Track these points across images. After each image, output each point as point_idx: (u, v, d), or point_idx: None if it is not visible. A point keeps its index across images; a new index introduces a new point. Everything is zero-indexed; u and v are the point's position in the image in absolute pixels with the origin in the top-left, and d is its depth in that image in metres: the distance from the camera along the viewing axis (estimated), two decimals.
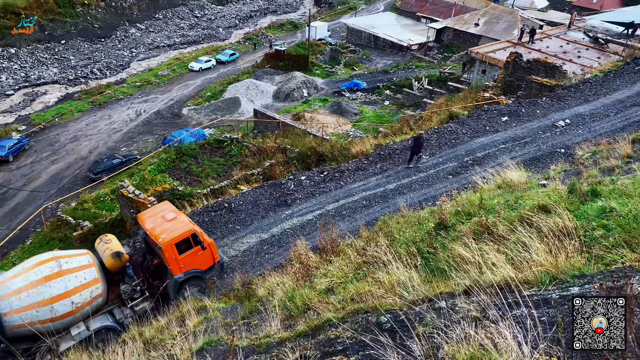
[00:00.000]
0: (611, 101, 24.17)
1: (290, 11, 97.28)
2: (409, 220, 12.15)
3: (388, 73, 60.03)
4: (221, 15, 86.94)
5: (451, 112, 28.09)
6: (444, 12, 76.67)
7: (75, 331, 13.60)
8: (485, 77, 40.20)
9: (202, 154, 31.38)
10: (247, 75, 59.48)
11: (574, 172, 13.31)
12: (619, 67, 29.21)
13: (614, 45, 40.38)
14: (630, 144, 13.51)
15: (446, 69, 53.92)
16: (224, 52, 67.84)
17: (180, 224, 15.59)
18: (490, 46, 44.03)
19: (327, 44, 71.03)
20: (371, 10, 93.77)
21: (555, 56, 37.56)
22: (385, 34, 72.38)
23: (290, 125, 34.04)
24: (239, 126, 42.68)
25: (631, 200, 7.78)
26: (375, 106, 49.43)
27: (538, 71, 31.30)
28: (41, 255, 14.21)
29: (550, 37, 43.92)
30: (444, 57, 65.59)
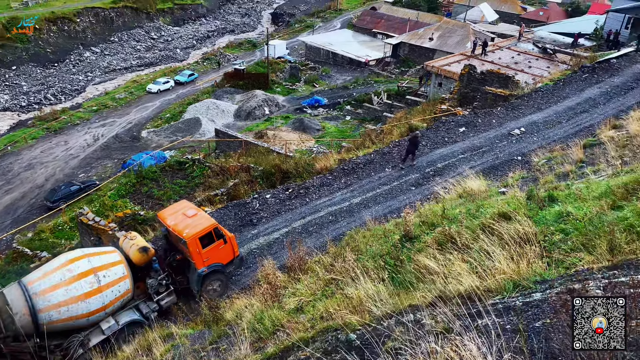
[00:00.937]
0: (562, 108, 25.12)
1: (248, 30, 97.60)
2: (375, 234, 12.21)
3: (348, 89, 60.77)
4: (178, 36, 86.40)
5: (411, 125, 28.59)
6: (399, 28, 78.45)
7: (106, 325, 14.02)
8: (441, 90, 41.18)
9: (164, 177, 30.83)
10: (206, 95, 59.10)
11: (531, 178, 13.70)
12: (567, 76, 30.43)
13: (561, 54, 42.15)
14: (582, 149, 14.03)
15: (404, 83, 55.02)
16: (182, 72, 67.30)
17: (201, 219, 16.12)
18: (445, 59, 45.22)
19: (287, 61, 71.47)
20: (328, 27, 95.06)
21: (507, 67, 38.87)
22: (343, 51, 73.41)
23: (253, 144, 33.90)
24: (200, 147, 42.21)
25: (586, 204, 8.05)
26: (337, 121, 49.86)
27: (492, 82, 32.28)
28: (71, 253, 14.49)
29: (502, 49, 45.49)
30: (401, 72, 66.94)
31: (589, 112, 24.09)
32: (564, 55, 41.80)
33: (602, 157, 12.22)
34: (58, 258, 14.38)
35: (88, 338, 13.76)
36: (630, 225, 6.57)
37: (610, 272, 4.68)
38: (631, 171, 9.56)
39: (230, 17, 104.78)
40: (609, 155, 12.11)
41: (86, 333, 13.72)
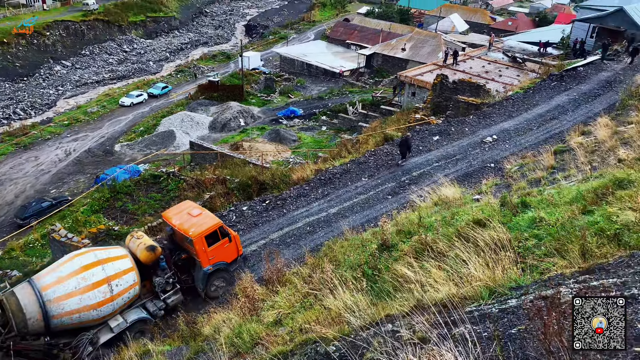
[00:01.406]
0: (532, 116, 25.69)
1: (222, 42, 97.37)
2: (353, 243, 12.21)
3: (323, 99, 61.05)
4: (151, 49, 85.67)
5: (386, 135, 28.83)
6: (372, 39, 79.30)
7: (114, 323, 14.32)
8: (415, 99, 41.70)
9: (138, 191, 30.39)
10: (181, 107, 58.63)
11: (504, 185, 13.93)
12: (536, 84, 31.17)
13: (530, 63, 43.17)
14: (552, 155, 14.34)
15: (378, 93, 55.55)
16: (155, 85, 66.68)
17: (206, 218, 16.49)
18: (417, 69, 45.86)
19: (261, 73, 71.50)
20: (302, 39, 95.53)
21: (478, 76, 39.62)
22: (318, 62, 73.81)
23: (229, 156, 33.70)
24: (175, 160, 41.77)
25: (558, 210, 8.21)
26: (313, 132, 49.98)
27: (464, 91, 32.84)
28: (85, 257, 14.45)
29: (473, 58, 46.38)
30: (375, 82, 67.58)
31: (558, 118, 24.69)
32: (533, 63, 42.82)
33: (572, 163, 12.50)
34: (71, 262, 14.26)
35: (97, 336, 14.01)
36: (601, 229, 6.71)
37: (583, 277, 4.77)
38: (600, 176, 9.79)
39: (204, 29, 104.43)
40: (578, 161, 12.40)
41: (95, 331, 14.00)
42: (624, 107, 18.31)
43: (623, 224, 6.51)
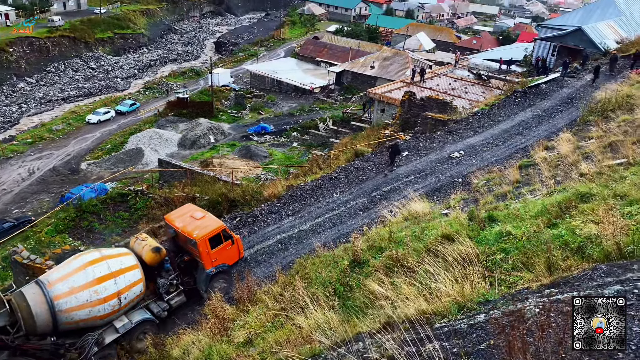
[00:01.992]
0: (498, 131, 26.30)
1: (191, 59, 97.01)
2: (325, 260, 12.19)
3: (294, 115, 61.23)
4: (119, 66, 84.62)
5: (356, 150, 29.03)
6: (342, 57, 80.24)
7: (119, 324, 14.45)
8: (384, 116, 42.23)
9: (105, 210, 29.70)
10: (149, 124, 57.86)
11: (472, 199, 14.17)
12: (501, 100, 31.96)
13: (495, 80, 44.35)
14: (517, 170, 14.68)
15: (348, 110, 56.08)
16: (123, 102, 65.74)
17: (210, 220, 16.75)
18: (386, 86, 46.53)
19: (231, 89, 71.34)
20: (272, 56, 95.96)
21: (445, 93, 40.44)
22: (288, 79, 74.14)
23: (198, 173, 33.31)
24: (143, 177, 41.05)
25: (524, 223, 8.38)
26: (284, 148, 49.97)
27: (431, 107, 33.44)
28: (90, 255, 14.76)
29: (439, 76, 47.36)
30: (345, 99, 68.24)
31: (523, 134, 25.34)
32: (498, 80, 44.00)
33: (537, 177, 12.81)
34: (77, 260, 14.56)
35: (102, 336, 14.15)
36: (565, 242, 6.88)
37: (548, 291, 4.86)
38: (564, 190, 10.06)
39: (173, 46, 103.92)
40: (542, 176, 12.72)
41: (100, 332, 14.13)
42: (585, 122, 18.94)
43: (586, 236, 6.69)
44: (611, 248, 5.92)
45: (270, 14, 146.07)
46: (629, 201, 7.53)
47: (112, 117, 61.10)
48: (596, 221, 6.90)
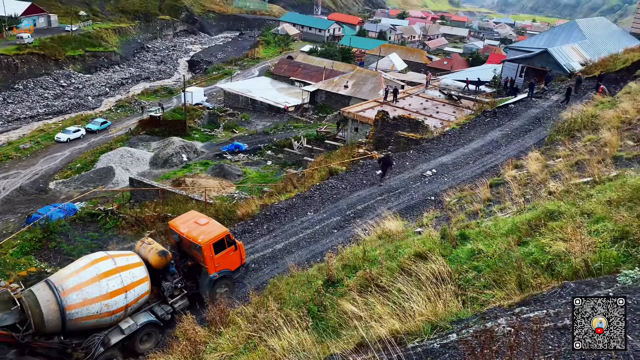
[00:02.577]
0: (469, 150, 26.78)
1: (164, 77, 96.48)
2: (299, 280, 12.09)
3: (268, 134, 61.21)
4: (90, 84, 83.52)
5: (331, 169, 29.12)
6: (315, 76, 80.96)
7: (125, 325, 14.65)
8: (358, 134, 42.59)
9: (73, 230, 28.95)
10: (120, 143, 56.99)
11: (444, 217, 14.31)
12: (472, 120, 32.63)
13: (465, 100, 45.30)
14: (488, 188, 14.92)
15: (323, 128, 56.39)
16: (94, 120, 64.72)
17: (214, 226, 17.14)
18: (359, 106, 47.02)
19: (205, 108, 71.02)
20: (246, 75, 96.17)
21: (417, 112, 41.07)
22: (262, 97, 74.29)
23: (171, 192, 32.85)
24: (113, 197, 40.25)
25: (495, 241, 8.48)
26: (258, 166, 49.80)
27: (404, 127, 33.89)
28: (97, 254, 15.27)
29: (412, 96, 48.14)
30: (320, 117, 68.67)
31: (493, 153, 25.85)
32: (468, 101, 44.95)
33: (507, 196, 13.04)
34: (83, 259, 15.05)
35: (108, 337, 14.37)
36: (535, 260, 6.98)
37: (519, 309, 4.91)
38: (533, 208, 10.25)
39: (146, 64, 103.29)
40: (512, 194, 12.95)
41: (106, 332, 14.35)
42: (552, 141, 19.43)
43: (555, 254, 6.80)
44: (579, 265, 6.03)
45: (244, 34, 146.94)
46: (596, 219, 7.71)
47: (83, 135, 60.01)
48: (565, 239, 7.03)
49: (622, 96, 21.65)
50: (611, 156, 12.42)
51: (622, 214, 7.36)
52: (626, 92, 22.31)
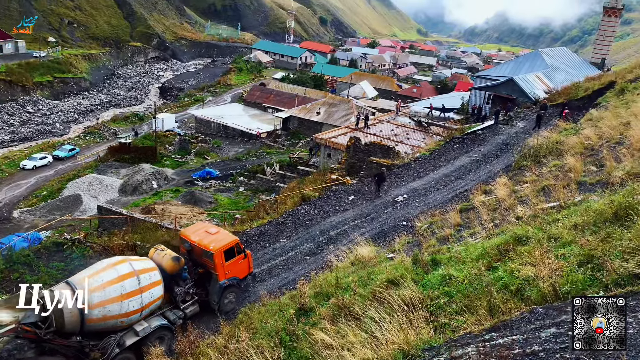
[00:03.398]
0: (439, 176, 27.18)
1: (135, 104, 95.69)
2: (270, 309, 11.92)
3: (240, 160, 60.96)
4: (58, 110, 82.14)
5: (303, 195, 29.09)
6: (288, 103, 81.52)
7: (139, 327, 15.09)
8: (331, 160, 42.84)
9: (38, 261, 27.94)
10: (89, 170, 55.86)
11: (416, 242, 14.40)
12: (441, 146, 33.21)
13: (435, 127, 46.19)
14: (458, 214, 15.12)
15: (295, 154, 56.52)
16: (62, 147, 63.43)
17: (224, 235, 17.99)
18: (332, 132, 47.44)
19: (176, 134, 70.49)
20: (219, 101, 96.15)
21: (388, 139, 41.62)
22: (235, 124, 74.26)
23: (140, 220, 32.18)
24: (81, 225, 39.22)
25: (466, 266, 8.56)
26: (230, 193, 49.36)
27: (375, 152, 34.25)
28: (115, 258, 16.27)
29: (382, 122, 48.85)
30: (292, 143, 68.91)
31: (462, 178, 26.30)
32: (437, 127, 45.85)
33: (477, 221, 13.23)
34: (102, 262, 15.77)
35: (123, 339, 14.78)
36: (505, 284, 7.06)
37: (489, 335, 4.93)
38: (502, 233, 10.41)
39: (116, 90, 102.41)
40: (482, 219, 13.15)
41: (121, 334, 14.80)
42: (519, 167, 19.91)
43: (524, 278, 6.90)
44: (547, 289, 6.12)
45: (216, 61, 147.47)
46: (562, 243, 7.87)
47: (49, 162, 58.66)
48: (533, 263, 7.14)
49: (585, 123, 22.43)
50: (575, 181, 12.78)
51: (587, 238, 7.54)
52: (588, 119, 23.12)
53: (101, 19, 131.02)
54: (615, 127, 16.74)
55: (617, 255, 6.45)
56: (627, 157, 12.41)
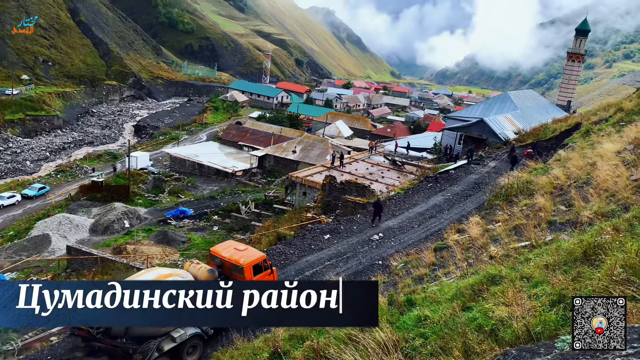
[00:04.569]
0: (413, 214, 27.39)
1: (109, 142, 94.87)
2: (244, 352, 11.62)
3: (215, 199, 60.43)
4: (29, 148, 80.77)
5: (279, 234, 28.90)
6: (264, 141, 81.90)
7: (177, 334, 15.87)
8: (306, 199, 42.83)
9: None
10: (59, 209, 54.54)
11: (392, 282, 14.35)
12: (415, 185, 33.63)
13: (409, 166, 46.88)
14: (433, 253, 15.19)
15: (271, 193, 56.36)
16: (31, 186, 62.02)
17: (252, 251, 19.29)
18: (307, 170, 47.65)
19: (150, 173, 69.77)
20: (194, 140, 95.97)
21: (363, 177, 42.00)
22: (210, 162, 74.00)
23: (111, 260, 31.38)
24: (49, 266, 37.98)
25: (440, 307, 8.54)
26: (204, 232, 48.65)
27: (351, 191, 34.47)
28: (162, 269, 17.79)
29: (358, 161, 49.38)
30: (268, 182, 68.83)
31: (436, 217, 26.55)
32: (411, 166, 46.54)
33: (451, 260, 13.30)
34: (148, 271, 17.15)
35: (162, 344, 15.50)
36: (479, 325, 7.05)
37: None
38: (475, 272, 10.47)
39: (90, 128, 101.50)
40: (456, 258, 13.22)
41: (160, 339, 15.53)
42: (491, 206, 20.23)
43: (498, 319, 6.90)
44: (521, 330, 6.13)
45: (192, 100, 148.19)
46: (534, 282, 7.94)
47: (18, 201, 57.17)
48: (506, 303, 7.17)
49: (553, 163, 23.05)
50: (546, 221, 13.02)
51: (558, 277, 7.63)
52: (556, 160, 23.78)
53: (77, 57, 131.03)
54: (583, 167, 17.24)
55: (588, 294, 6.53)
56: (594, 196, 12.75)
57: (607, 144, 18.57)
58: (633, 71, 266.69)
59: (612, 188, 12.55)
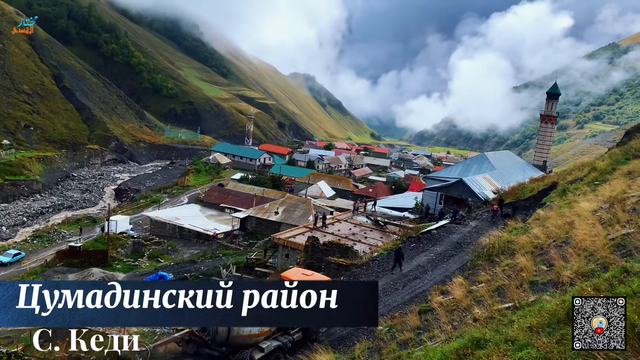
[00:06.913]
0: (397, 276, 27.16)
1: (89, 206, 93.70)
2: None
3: (196, 262, 59.33)
4: (5, 213, 79.24)
5: None
6: (246, 203, 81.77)
7: (265, 345, 17.83)
8: (289, 260, 42.34)
9: None
10: (34, 276, 52.83)
11: (376, 348, 14.02)
12: (398, 245, 33.55)
13: (391, 226, 47.00)
14: (417, 316, 14.98)
15: (253, 255, 55.64)
16: (6, 252, 60.36)
17: (318, 276, 22.05)
18: (290, 232, 47.40)
19: (129, 237, 68.62)
20: (175, 202, 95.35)
21: (346, 238, 41.86)
22: (191, 225, 73.27)
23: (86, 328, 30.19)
24: (20, 337, 36.30)
25: None
26: None
27: (334, 252, 34.22)
28: None
29: (340, 222, 49.37)
30: (250, 244, 68.10)
31: (420, 278, 26.35)
32: (394, 226, 46.66)
33: (435, 323, 13.12)
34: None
35: (253, 354, 17.33)
36: None
37: None
38: (460, 336, 10.33)
39: (69, 192, 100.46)
40: (440, 321, 13.06)
41: (251, 349, 17.43)
42: (474, 266, 20.25)
43: None
44: None
45: (175, 162, 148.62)
46: (519, 346, 7.86)
47: None
48: None
49: (533, 222, 23.38)
50: (528, 281, 13.05)
51: (542, 339, 7.57)
52: (536, 219, 24.14)
53: (59, 122, 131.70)
54: (561, 226, 17.51)
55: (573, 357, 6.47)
56: (574, 256, 12.89)
57: (584, 202, 18.99)
58: (604, 131, 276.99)
59: (590, 247, 12.73)
